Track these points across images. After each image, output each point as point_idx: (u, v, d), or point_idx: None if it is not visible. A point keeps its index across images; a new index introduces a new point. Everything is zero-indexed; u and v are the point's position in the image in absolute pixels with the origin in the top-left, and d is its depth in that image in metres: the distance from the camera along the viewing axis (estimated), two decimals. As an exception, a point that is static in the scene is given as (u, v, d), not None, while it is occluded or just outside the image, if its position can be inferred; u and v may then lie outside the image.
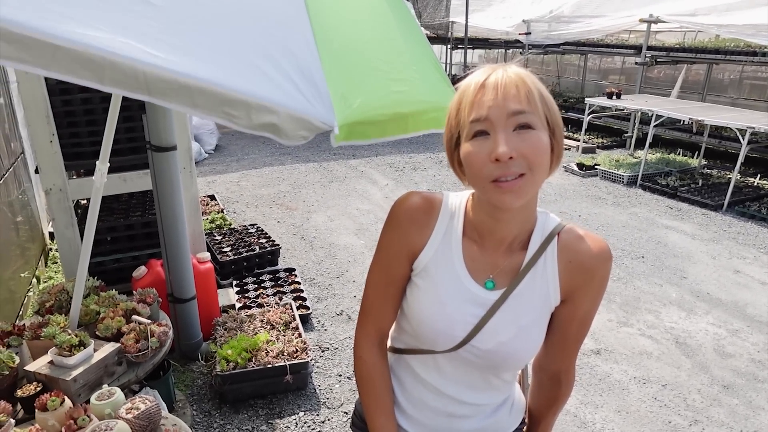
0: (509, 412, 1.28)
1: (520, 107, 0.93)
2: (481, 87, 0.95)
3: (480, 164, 0.95)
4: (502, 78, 0.95)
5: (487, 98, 0.94)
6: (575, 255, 1.07)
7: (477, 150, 0.95)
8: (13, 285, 3.23)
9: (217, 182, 6.65)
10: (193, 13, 0.91)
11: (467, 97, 0.97)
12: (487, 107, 0.93)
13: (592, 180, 6.82)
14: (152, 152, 2.62)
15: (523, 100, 0.93)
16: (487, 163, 0.93)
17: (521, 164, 0.93)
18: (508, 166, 0.92)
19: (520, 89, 0.94)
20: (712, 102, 8.30)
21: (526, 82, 0.95)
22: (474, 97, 0.95)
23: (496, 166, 0.93)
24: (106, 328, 2.05)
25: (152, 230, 3.31)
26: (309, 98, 0.93)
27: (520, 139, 0.93)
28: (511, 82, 0.94)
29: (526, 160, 0.93)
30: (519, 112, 0.93)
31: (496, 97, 0.93)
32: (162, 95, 0.83)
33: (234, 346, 2.75)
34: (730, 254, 4.64)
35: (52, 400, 1.59)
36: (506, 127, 0.93)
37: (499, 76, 0.95)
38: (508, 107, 0.93)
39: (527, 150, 0.93)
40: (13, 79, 4.17)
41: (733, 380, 3.01)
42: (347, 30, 1.11)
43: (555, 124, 0.97)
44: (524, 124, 0.93)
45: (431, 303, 1.11)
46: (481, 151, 0.94)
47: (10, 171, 3.62)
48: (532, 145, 0.93)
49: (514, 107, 0.93)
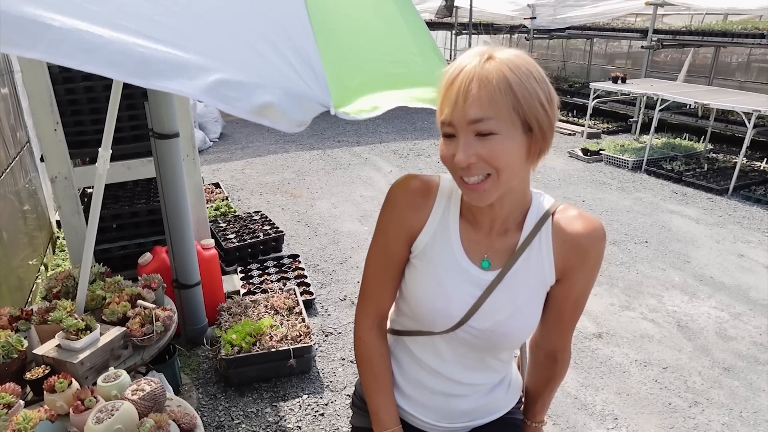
0: (506, 391, 1.30)
1: (479, 114, 0.91)
2: (451, 84, 0.94)
3: (449, 163, 0.99)
4: (470, 74, 0.91)
5: (451, 99, 0.93)
6: (569, 235, 1.08)
7: (445, 149, 0.98)
8: (21, 272, 3.28)
9: (221, 170, 6.67)
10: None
11: (441, 90, 0.97)
12: (450, 111, 0.94)
13: (597, 165, 6.79)
14: (155, 139, 2.64)
15: (484, 105, 0.91)
16: (452, 162, 0.96)
17: (484, 167, 0.95)
18: (469, 170, 0.95)
19: (483, 90, 0.90)
20: (720, 86, 8.22)
21: (492, 81, 0.90)
22: (444, 92, 0.95)
23: (459, 168, 0.96)
24: (111, 312, 2.08)
25: (157, 217, 3.34)
26: (306, 79, 0.94)
27: (480, 145, 0.93)
28: (477, 81, 0.91)
29: (488, 164, 0.94)
30: (478, 120, 0.92)
31: (457, 100, 0.92)
32: (160, 78, 0.84)
33: (238, 331, 2.79)
34: (735, 238, 4.63)
35: (60, 382, 1.62)
36: (467, 132, 0.93)
37: (468, 71, 0.92)
38: (467, 114, 0.92)
39: (487, 155, 0.93)
40: (17, 68, 4.19)
41: (734, 363, 3.02)
42: (344, 13, 1.12)
43: (532, 119, 0.93)
44: (485, 132, 0.92)
45: (429, 283, 1.13)
46: (449, 151, 0.97)
47: (16, 160, 3.65)
48: (491, 151, 0.93)
49: (473, 115, 0.91)
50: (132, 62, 0.80)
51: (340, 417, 2.61)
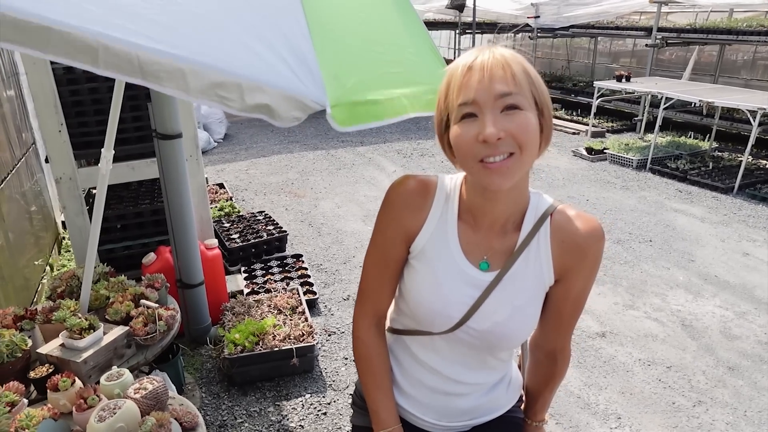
0: (506, 390, 1.30)
1: (506, 89, 0.94)
2: (468, 69, 0.96)
3: (468, 145, 0.96)
4: (489, 60, 0.95)
5: (474, 81, 0.95)
6: (568, 235, 1.08)
7: (465, 131, 0.96)
8: (27, 272, 3.31)
9: (226, 170, 6.70)
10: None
11: (455, 80, 0.97)
12: (474, 90, 0.94)
13: (601, 164, 6.77)
14: (158, 140, 2.66)
15: (509, 82, 0.94)
16: (474, 143, 0.95)
17: (510, 143, 0.95)
18: (496, 146, 0.94)
19: (506, 70, 0.94)
20: (725, 84, 8.18)
21: (511, 63, 0.95)
22: (461, 79, 0.96)
23: (484, 146, 0.94)
24: (115, 312, 2.10)
25: (161, 218, 3.36)
26: (301, 78, 0.95)
27: (508, 120, 0.94)
28: (498, 64, 0.95)
29: (515, 140, 0.94)
30: (506, 94, 0.94)
31: (482, 79, 0.94)
32: (156, 78, 0.85)
33: (241, 330, 2.80)
34: (740, 237, 4.61)
35: (63, 381, 1.64)
36: (494, 108, 0.94)
37: (486, 57, 0.96)
38: (495, 89, 0.93)
39: (515, 129, 0.94)
40: (22, 70, 4.23)
41: (739, 362, 3.01)
42: (340, 12, 1.13)
43: (543, 104, 0.98)
44: (512, 105, 0.94)
45: (428, 285, 1.13)
46: (469, 132, 0.95)
47: (22, 161, 3.68)
48: (519, 124, 0.94)
49: (501, 89, 0.94)
50: (129, 63, 0.81)
51: (342, 416, 2.62)
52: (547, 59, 12.39)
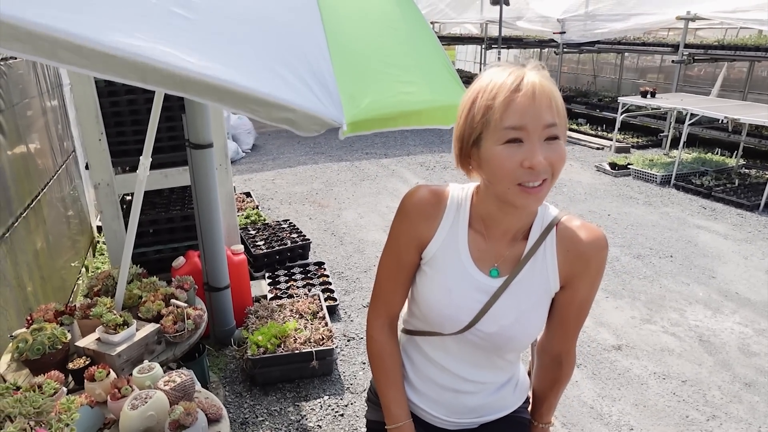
0: (513, 391, 1.36)
1: (553, 120, 1.00)
2: (515, 91, 0.99)
3: (510, 169, 1.01)
4: (538, 86, 0.99)
5: (523, 106, 0.98)
6: (573, 244, 1.15)
7: (510, 155, 1.00)
8: (64, 273, 3.49)
9: (253, 180, 6.88)
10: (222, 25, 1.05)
11: (499, 98, 0.99)
12: (523, 116, 0.98)
13: (624, 180, 6.76)
14: (190, 149, 2.81)
15: (554, 113, 1.00)
16: (518, 168, 1.01)
17: (547, 171, 1.02)
18: (538, 173, 1.01)
19: (551, 101, 1.00)
20: (755, 100, 8.07)
21: (555, 93, 1.01)
22: (508, 101, 0.99)
23: (526, 172, 1.00)
24: (147, 310, 2.23)
25: (190, 223, 3.51)
26: (321, 99, 1.06)
27: (551, 150, 1.01)
28: (544, 93, 0.99)
29: (552, 168, 1.02)
30: (552, 125, 1.00)
31: (533, 105, 0.98)
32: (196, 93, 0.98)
33: (264, 333, 2.91)
34: (763, 254, 4.56)
35: (99, 372, 1.77)
36: (540, 137, 1.00)
37: (534, 82, 0.99)
38: (545, 119, 0.99)
39: (555, 160, 1.02)
40: (66, 82, 4.47)
41: (756, 378, 3.00)
42: (358, 37, 1.24)
43: (566, 129, 1.06)
44: (554, 136, 1.01)
45: (438, 290, 1.20)
46: (514, 156, 1.00)
47: (62, 168, 3.89)
48: (559, 155, 1.02)
49: (549, 120, 1.00)
50: (172, 81, 0.94)
51: (359, 418, 2.70)
52: (573, 74, 12.37)
